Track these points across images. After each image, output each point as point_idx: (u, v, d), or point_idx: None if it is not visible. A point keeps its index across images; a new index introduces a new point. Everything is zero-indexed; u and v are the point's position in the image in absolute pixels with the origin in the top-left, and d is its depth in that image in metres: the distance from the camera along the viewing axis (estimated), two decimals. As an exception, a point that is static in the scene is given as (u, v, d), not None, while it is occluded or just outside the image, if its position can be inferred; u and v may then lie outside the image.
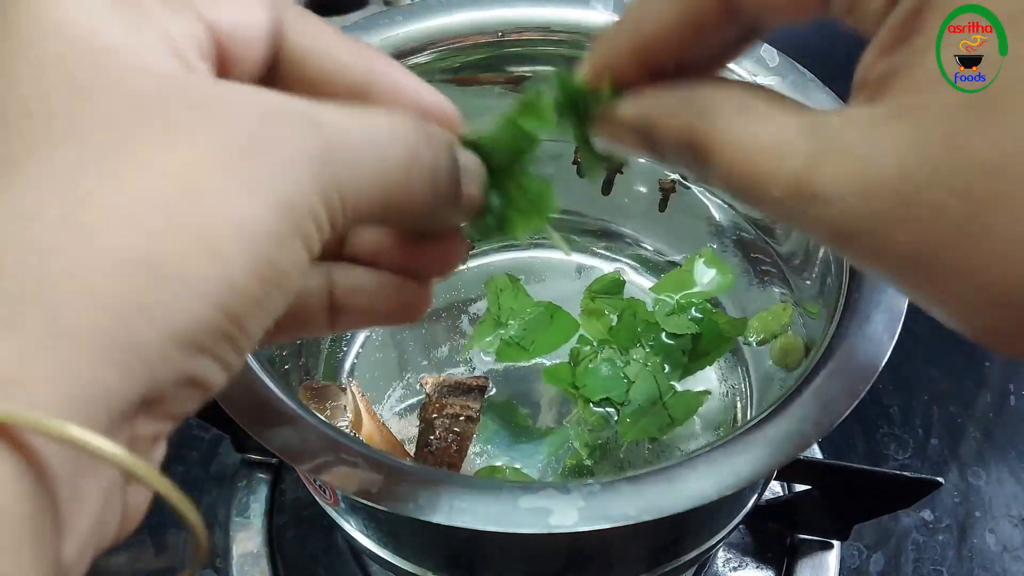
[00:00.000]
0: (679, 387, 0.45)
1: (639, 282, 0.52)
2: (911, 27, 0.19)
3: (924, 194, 0.18)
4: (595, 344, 0.47)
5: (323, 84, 0.23)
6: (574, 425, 0.45)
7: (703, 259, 0.49)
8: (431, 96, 0.24)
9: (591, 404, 0.45)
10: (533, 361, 0.48)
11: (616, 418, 0.45)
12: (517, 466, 0.45)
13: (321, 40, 0.23)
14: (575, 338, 0.48)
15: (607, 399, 0.44)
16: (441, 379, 0.43)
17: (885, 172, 0.18)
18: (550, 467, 0.45)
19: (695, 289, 0.49)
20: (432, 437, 0.42)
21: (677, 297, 0.48)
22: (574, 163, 0.49)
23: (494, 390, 0.48)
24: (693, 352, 0.46)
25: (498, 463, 0.45)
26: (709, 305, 0.47)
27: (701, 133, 0.21)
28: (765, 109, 0.21)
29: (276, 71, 0.23)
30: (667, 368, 0.45)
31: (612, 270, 0.52)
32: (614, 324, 0.48)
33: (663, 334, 0.46)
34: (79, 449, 0.16)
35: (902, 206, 0.18)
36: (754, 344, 0.46)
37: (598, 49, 0.23)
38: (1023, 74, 0.17)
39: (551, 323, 0.48)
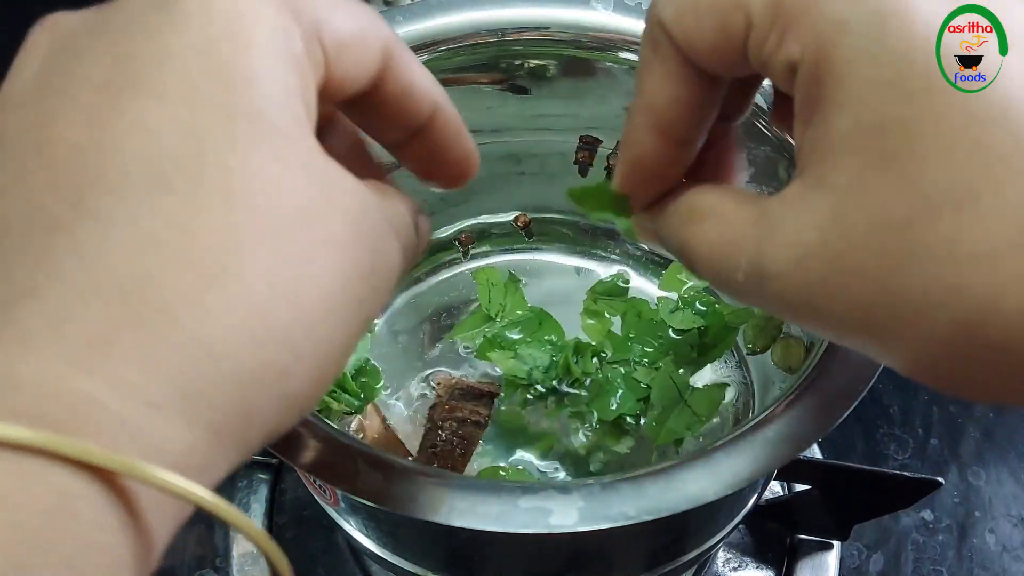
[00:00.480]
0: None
1: (639, 283, 0.52)
2: (814, 96, 0.19)
3: (845, 259, 0.19)
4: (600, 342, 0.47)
5: (400, 116, 0.24)
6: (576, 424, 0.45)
7: None
8: (468, 136, 0.26)
9: (606, 424, 0.45)
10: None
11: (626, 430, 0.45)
12: (520, 467, 0.45)
13: (415, 74, 0.23)
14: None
15: (622, 415, 0.44)
16: (453, 381, 0.43)
17: (811, 243, 0.19)
18: (554, 468, 0.45)
19: (693, 281, 0.49)
20: (438, 439, 0.42)
21: (681, 292, 0.48)
22: (575, 163, 0.49)
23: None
24: (701, 346, 0.46)
25: (500, 464, 0.45)
26: (711, 298, 0.47)
27: (680, 239, 0.24)
28: (729, 208, 0.22)
29: (366, 96, 0.23)
30: (682, 371, 0.45)
31: (612, 270, 0.52)
32: (616, 326, 0.48)
33: (669, 331, 0.46)
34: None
35: (830, 273, 0.19)
36: (753, 349, 0.46)
37: (624, 153, 0.25)
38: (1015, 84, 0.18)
39: (538, 329, 0.48)
